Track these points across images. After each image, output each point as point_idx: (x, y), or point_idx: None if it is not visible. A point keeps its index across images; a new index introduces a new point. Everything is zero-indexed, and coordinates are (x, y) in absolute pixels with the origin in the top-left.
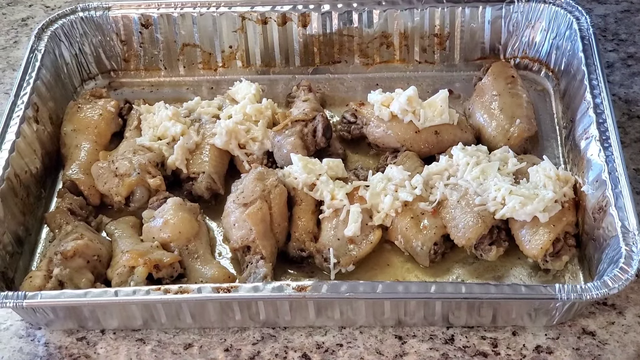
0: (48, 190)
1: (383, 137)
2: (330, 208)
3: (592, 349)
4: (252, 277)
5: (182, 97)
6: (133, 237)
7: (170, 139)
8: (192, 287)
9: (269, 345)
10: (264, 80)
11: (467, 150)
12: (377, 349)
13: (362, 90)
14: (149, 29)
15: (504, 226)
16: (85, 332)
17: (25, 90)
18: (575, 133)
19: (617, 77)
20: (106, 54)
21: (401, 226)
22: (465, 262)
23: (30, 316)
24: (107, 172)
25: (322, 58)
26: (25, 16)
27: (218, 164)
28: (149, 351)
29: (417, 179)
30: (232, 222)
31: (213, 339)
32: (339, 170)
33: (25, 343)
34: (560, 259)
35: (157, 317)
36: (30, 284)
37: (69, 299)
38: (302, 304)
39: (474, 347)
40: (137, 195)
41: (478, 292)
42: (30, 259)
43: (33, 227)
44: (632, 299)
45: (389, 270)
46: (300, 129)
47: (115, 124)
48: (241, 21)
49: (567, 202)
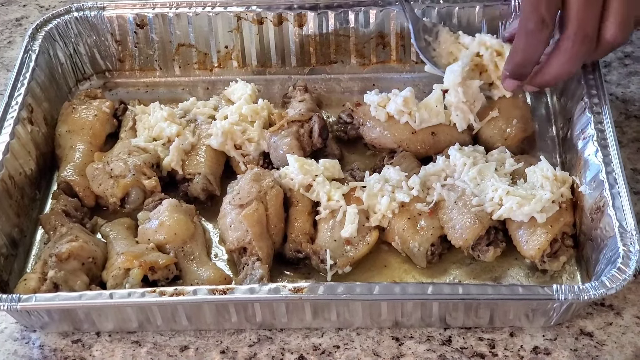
0: (43, 192)
1: (380, 138)
2: (327, 209)
3: (589, 350)
4: (248, 278)
5: (177, 97)
6: (128, 239)
7: (166, 140)
8: (187, 289)
9: (265, 347)
10: (260, 80)
11: (464, 150)
12: (374, 350)
13: (358, 90)
14: (144, 29)
15: (501, 227)
16: (81, 334)
17: (20, 91)
18: (572, 133)
19: (614, 76)
20: (101, 54)
21: (398, 227)
22: (462, 263)
23: (25, 319)
24: (102, 173)
25: (319, 58)
26: (20, 16)
27: (214, 165)
28: (144, 354)
29: (414, 180)
30: (228, 224)
31: (209, 341)
32: (335, 171)
33: (20, 346)
34: (558, 260)
35: (153, 320)
36: (24, 287)
37: (63, 302)
38: (298, 306)
39: (471, 349)
40: (133, 197)
41: (475, 293)
42: (25, 261)
43: (28, 229)
44: (629, 299)
45: (386, 271)
46: (297, 129)
47: (110, 125)
48: (237, 21)
49: (564, 202)
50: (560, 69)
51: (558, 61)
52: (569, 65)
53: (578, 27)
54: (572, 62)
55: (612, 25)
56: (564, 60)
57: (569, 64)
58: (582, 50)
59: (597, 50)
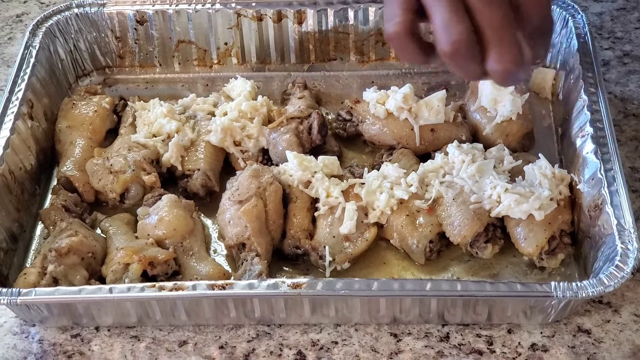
0: (42, 187)
1: (379, 135)
2: (326, 205)
3: (587, 347)
4: (247, 274)
5: (177, 94)
6: (128, 234)
7: (165, 136)
8: (187, 285)
9: (264, 342)
10: (259, 77)
11: (462, 148)
12: (373, 346)
13: (357, 87)
14: (144, 25)
15: (500, 224)
16: (80, 329)
17: (20, 86)
18: (571, 131)
19: (613, 75)
20: (101, 51)
21: (397, 224)
22: (460, 260)
23: (25, 313)
24: (101, 168)
25: (318, 55)
26: (20, 12)
27: (213, 161)
28: (143, 348)
29: (413, 177)
30: (227, 220)
31: (208, 336)
32: (334, 168)
33: (19, 340)
34: (556, 257)
35: (152, 314)
36: (24, 281)
37: (63, 296)
38: (297, 302)
39: (469, 345)
40: (132, 192)
41: (473, 289)
42: (25, 255)
43: (27, 224)
44: (627, 297)
45: (384, 268)
46: (296, 126)
47: (110, 121)
48: (236, 18)
49: (562, 200)
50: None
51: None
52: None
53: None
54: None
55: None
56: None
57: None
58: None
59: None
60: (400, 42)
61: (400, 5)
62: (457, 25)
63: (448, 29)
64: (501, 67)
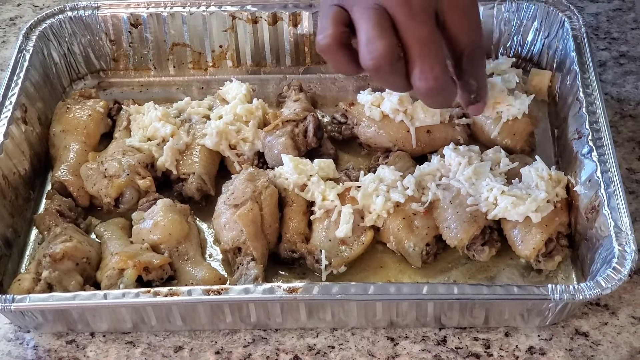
0: (37, 192)
1: (375, 137)
2: (322, 209)
3: (585, 350)
4: (243, 278)
5: (172, 97)
6: (122, 239)
7: (160, 140)
8: (182, 290)
9: (260, 347)
10: (254, 80)
11: (459, 150)
12: (369, 350)
13: (353, 90)
14: (139, 28)
15: (497, 226)
16: (75, 335)
17: (14, 90)
18: (567, 132)
19: (610, 75)
20: (95, 54)
21: (393, 227)
22: (457, 263)
23: (19, 319)
24: (96, 173)
25: (313, 58)
26: (14, 15)
27: (208, 164)
28: (139, 354)
29: (409, 180)
30: (223, 224)
31: (204, 342)
32: (330, 171)
33: (13, 346)
34: (553, 260)
35: (147, 320)
36: (18, 287)
37: (57, 302)
38: (293, 306)
39: (466, 349)
40: (127, 197)
41: (470, 293)
42: (19, 261)
43: (22, 229)
44: (625, 299)
45: (381, 271)
46: (291, 129)
47: (104, 125)
48: (231, 20)
49: (559, 202)
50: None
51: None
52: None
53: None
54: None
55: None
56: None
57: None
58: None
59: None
60: (331, 53)
61: (332, 19)
62: (379, 41)
63: (370, 44)
64: (423, 84)
